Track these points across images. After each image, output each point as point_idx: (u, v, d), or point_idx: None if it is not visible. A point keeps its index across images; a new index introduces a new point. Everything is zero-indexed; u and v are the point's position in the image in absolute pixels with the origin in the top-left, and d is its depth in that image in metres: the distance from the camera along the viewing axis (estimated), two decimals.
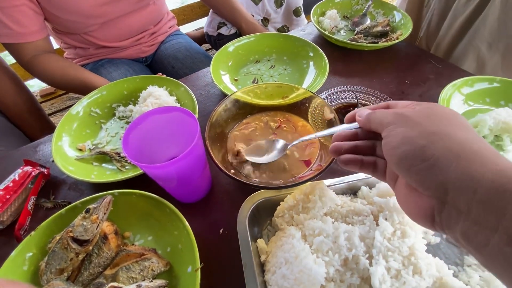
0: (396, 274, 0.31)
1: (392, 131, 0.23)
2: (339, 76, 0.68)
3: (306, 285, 0.29)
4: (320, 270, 0.29)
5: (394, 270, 0.31)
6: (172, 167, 0.34)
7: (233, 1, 0.97)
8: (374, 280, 0.30)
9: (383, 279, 0.30)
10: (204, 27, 1.25)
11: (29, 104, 0.88)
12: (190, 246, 0.37)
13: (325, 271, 0.30)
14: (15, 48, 0.72)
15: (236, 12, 0.97)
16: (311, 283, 0.29)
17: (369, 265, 0.32)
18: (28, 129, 0.88)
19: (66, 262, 0.36)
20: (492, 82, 0.56)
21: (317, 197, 0.38)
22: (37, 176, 0.49)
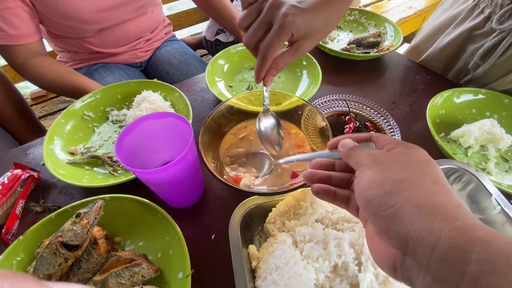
0: (384, 280, 0.32)
1: (363, 172, 0.23)
2: (332, 85, 0.70)
3: None
4: (309, 276, 0.30)
5: (382, 277, 0.32)
6: (164, 172, 0.34)
7: (231, 10, 0.98)
8: (363, 286, 0.31)
9: (371, 285, 0.31)
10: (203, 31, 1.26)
11: (19, 107, 0.87)
12: (181, 252, 0.37)
13: (315, 277, 0.30)
14: (7, 50, 0.71)
15: (234, 21, 0.98)
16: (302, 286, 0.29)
17: (358, 271, 0.32)
18: (18, 133, 0.87)
19: (54, 267, 0.36)
20: (477, 94, 0.58)
21: (308, 203, 0.38)
22: (26, 180, 0.48)
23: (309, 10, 0.34)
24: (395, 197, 0.20)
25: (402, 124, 0.59)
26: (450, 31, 0.66)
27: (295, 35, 0.35)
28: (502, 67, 0.58)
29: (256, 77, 0.38)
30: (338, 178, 0.29)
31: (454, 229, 0.17)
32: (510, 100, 0.57)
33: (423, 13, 1.82)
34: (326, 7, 0.35)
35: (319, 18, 0.35)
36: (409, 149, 0.24)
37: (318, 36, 0.37)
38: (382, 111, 0.59)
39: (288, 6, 0.33)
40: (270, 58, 0.35)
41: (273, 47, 0.34)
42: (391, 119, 0.57)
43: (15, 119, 0.85)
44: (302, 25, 0.34)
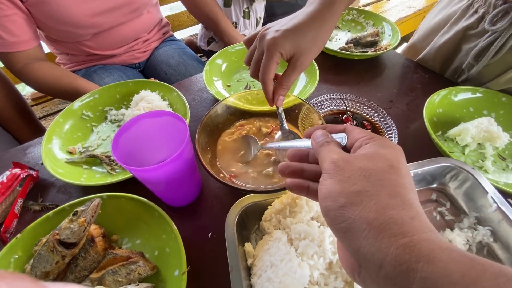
0: None
1: (324, 180, 0.22)
2: (330, 84, 0.70)
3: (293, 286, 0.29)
4: (304, 273, 0.30)
5: None
6: (160, 170, 0.34)
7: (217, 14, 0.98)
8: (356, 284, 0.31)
9: None
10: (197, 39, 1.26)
11: (19, 107, 0.88)
12: (177, 250, 0.37)
13: (309, 274, 0.30)
14: (7, 57, 0.71)
15: (220, 26, 0.98)
16: (295, 286, 0.29)
17: None
18: (18, 133, 0.88)
19: (51, 265, 0.36)
20: (475, 92, 0.58)
21: (304, 201, 0.39)
22: (25, 179, 0.48)
23: (292, 30, 0.37)
24: (349, 211, 0.20)
25: (399, 123, 0.59)
26: (445, 30, 0.66)
27: (284, 54, 0.38)
28: (495, 68, 0.58)
29: (268, 101, 0.42)
30: (312, 171, 0.28)
31: (401, 246, 0.17)
32: (507, 98, 0.57)
33: (422, 13, 1.82)
34: (310, 23, 0.38)
35: (305, 33, 0.38)
36: (378, 148, 0.23)
37: (311, 50, 0.39)
38: (380, 110, 0.59)
39: (271, 32, 0.38)
40: (268, 80, 0.39)
41: (267, 70, 0.38)
42: (388, 118, 0.57)
43: (15, 119, 0.86)
44: (288, 44, 0.37)
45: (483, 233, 0.41)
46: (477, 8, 0.60)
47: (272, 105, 0.42)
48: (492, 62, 0.58)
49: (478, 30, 0.59)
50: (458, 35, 0.64)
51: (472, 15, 0.61)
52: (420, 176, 0.46)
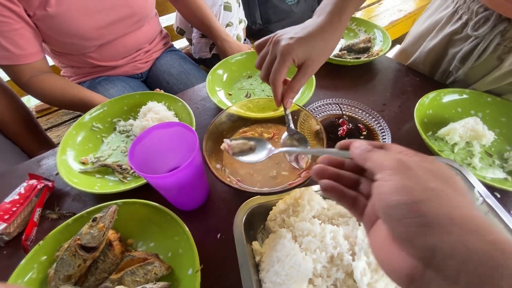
0: (376, 267, 0.35)
1: (389, 175, 0.22)
2: (326, 89, 0.73)
3: (296, 279, 0.32)
4: (308, 265, 0.33)
5: (374, 264, 0.35)
6: (173, 177, 0.38)
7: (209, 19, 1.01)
8: (356, 274, 0.34)
9: (364, 272, 0.34)
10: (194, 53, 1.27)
11: (26, 120, 0.90)
12: (190, 250, 0.40)
13: (313, 266, 0.34)
14: (14, 70, 0.74)
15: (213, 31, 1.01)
16: (300, 278, 0.32)
17: (352, 261, 0.35)
18: (25, 145, 0.90)
19: (74, 268, 0.39)
20: (462, 94, 0.62)
21: (306, 201, 0.42)
22: (42, 189, 0.51)
23: (305, 38, 0.41)
24: (428, 206, 0.19)
25: (392, 125, 0.62)
26: (433, 36, 0.70)
27: (296, 60, 0.42)
28: (480, 69, 0.62)
29: (276, 102, 0.45)
30: (347, 178, 0.28)
31: (489, 243, 0.17)
32: (492, 98, 0.61)
33: (413, 15, 1.88)
34: (321, 33, 0.42)
35: (316, 43, 0.42)
36: (431, 158, 0.23)
37: (320, 58, 0.43)
38: (373, 113, 0.62)
39: (286, 38, 0.41)
40: (278, 83, 0.42)
41: (278, 74, 0.42)
42: (381, 121, 0.60)
43: (23, 132, 0.89)
44: (300, 51, 0.41)
45: None
46: (461, 14, 0.64)
47: (279, 105, 0.45)
48: (476, 64, 0.62)
49: (463, 35, 0.64)
50: (444, 40, 0.68)
51: (456, 21, 0.65)
52: None
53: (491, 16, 0.57)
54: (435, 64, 0.72)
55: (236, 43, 1.01)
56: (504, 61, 0.58)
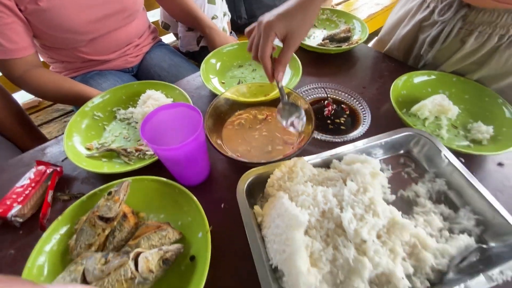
0: (361, 217, 0.41)
1: None
2: (311, 76, 0.80)
3: (295, 227, 0.38)
4: (304, 217, 0.39)
5: (359, 215, 0.41)
6: (181, 150, 0.42)
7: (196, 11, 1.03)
8: (344, 223, 0.40)
9: (351, 221, 0.40)
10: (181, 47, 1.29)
11: (19, 116, 0.91)
12: (198, 216, 0.45)
13: (308, 218, 0.39)
14: (6, 64, 0.74)
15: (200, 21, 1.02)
16: (297, 225, 0.38)
17: (340, 213, 0.42)
18: (19, 141, 0.91)
19: (94, 237, 0.43)
20: (430, 75, 0.70)
21: (299, 168, 0.48)
22: (51, 174, 0.54)
23: (284, 14, 0.47)
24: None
25: (372, 105, 0.69)
26: (406, 24, 0.77)
27: (278, 34, 0.47)
28: (446, 52, 0.70)
29: (268, 77, 0.51)
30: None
31: None
32: (457, 78, 0.69)
33: (389, 8, 1.98)
34: (299, 7, 0.48)
35: (295, 16, 0.47)
36: None
37: (301, 30, 0.49)
38: (355, 95, 0.69)
39: (266, 17, 0.48)
40: (266, 58, 0.49)
41: (264, 49, 0.48)
42: (362, 101, 0.67)
43: (16, 128, 0.89)
44: (281, 25, 0.47)
45: (440, 184, 0.51)
46: (429, 3, 0.72)
47: (272, 81, 0.51)
48: (443, 47, 0.70)
49: (431, 22, 0.71)
50: (415, 27, 0.75)
51: (425, 9, 0.73)
52: (390, 144, 0.56)
53: (454, 2, 0.64)
54: (408, 50, 0.80)
55: (223, 33, 1.05)
56: (466, 43, 0.66)
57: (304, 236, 0.39)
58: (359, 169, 0.47)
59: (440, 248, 0.42)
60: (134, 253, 0.40)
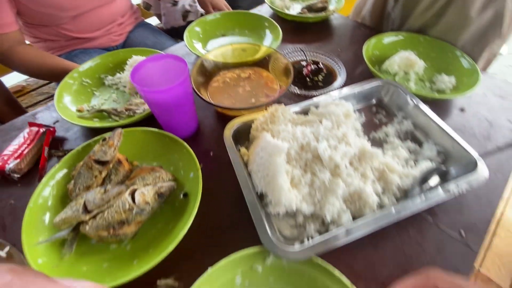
0: (335, 147, 0.46)
1: None
2: (291, 44, 0.84)
3: (276, 153, 0.42)
4: (284, 144, 0.43)
5: (333, 145, 0.46)
6: (169, 92, 0.46)
7: None
8: (320, 151, 0.45)
9: (326, 149, 0.45)
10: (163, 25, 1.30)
11: (6, 97, 0.91)
12: (189, 158, 0.49)
13: (287, 146, 0.44)
14: None
15: None
16: (278, 151, 0.42)
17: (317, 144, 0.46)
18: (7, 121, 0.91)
19: (91, 179, 0.46)
20: (398, 35, 0.75)
21: (280, 113, 0.52)
22: (45, 133, 0.56)
23: None
24: None
25: (348, 66, 0.74)
26: None
27: None
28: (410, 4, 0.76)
29: None
30: None
31: None
32: (424, 38, 0.75)
33: None
34: None
35: None
36: None
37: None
38: (332, 56, 0.74)
39: None
40: None
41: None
42: (338, 61, 0.72)
43: (4, 108, 0.90)
44: None
45: (407, 124, 0.57)
46: None
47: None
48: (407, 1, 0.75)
49: None
50: None
51: None
52: (362, 94, 0.61)
53: None
54: (378, 15, 0.85)
55: None
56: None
57: (284, 162, 0.44)
58: (334, 110, 0.52)
59: (405, 172, 0.48)
60: (130, 190, 0.44)
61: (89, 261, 0.41)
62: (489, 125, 0.61)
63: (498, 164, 0.54)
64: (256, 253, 0.38)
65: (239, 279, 0.38)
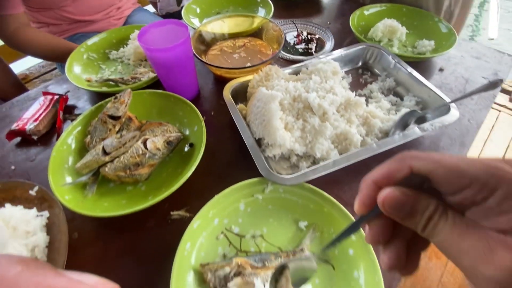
0: (323, 96, 0.52)
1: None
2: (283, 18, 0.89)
3: (270, 100, 0.48)
4: (277, 93, 0.49)
5: (321, 95, 0.52)
6: (173, 51, 0.51)
7: None
8: (310, 100, 0.50)
9: (315, 98, 0.50)
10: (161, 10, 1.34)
11: (13, 80, 0.96)
12: (193, 114, 0.54)
13: (281, 95, 0.49)
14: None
15: None
16: (272, 98, 0.48)
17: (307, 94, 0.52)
18: None
19: (106, 133, 0.51)
20: (382, 6, 0.81)
21: (274, 72, 0.57)
22: (59, 99, 0.61)
23: None
24: None
25: (337, 37, 0.79)
26: None
27: None
28: None
29: None
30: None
31: None
32: (406, 8, 0.81)
33: None
34: None
35: None
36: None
37: None
38: (321, 27, 0.79)
39: None
40: None
41: None
42: (328, 32, 0.77)
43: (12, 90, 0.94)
44: None
45: (389, 81, 0.63)
46: None
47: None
48: None
49: None
50: None
51: None
52: (349, 57, 0.67)
53: None
54: None
55: None
56: None
57: (278, 108, 0.49)
58: (322, 67, 0.57)
59: (386, 117, 0.53)
60: (142, 139, 0.49)
61: (109, 199, 0.46)
62: (465, 81, 0.67)
63: (471, 113, 0.60)
64: (257, 183, 0.44)
65: (242, 206, 0.44)
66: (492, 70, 0.69)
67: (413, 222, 0.18)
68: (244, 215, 0.44)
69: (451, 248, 0.17)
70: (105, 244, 0.43)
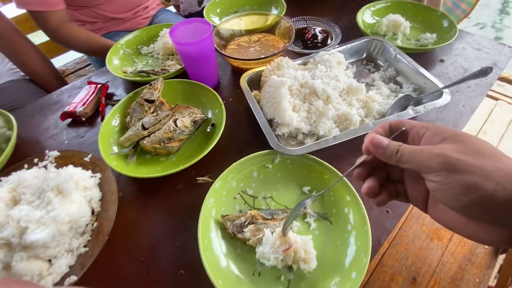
0: (327, 83, 0.59)
1: (448, 178, 0.23)
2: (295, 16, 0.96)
3: (280, 85, 0.56)
4: (287, 79, 0.57)
5: (326, 82, 0.59)
6: (197, 45, 0.60)
7: None
8: (315, 85, 0.58)
9: (320, 84, 0.58)
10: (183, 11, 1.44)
11: (53, 72, 1.09)
12: (214, 99, 0.63)
13: (290, 81, 0.57)
14: (42, 16, 0.88)
15: None
16: (282, 83, 0.56)
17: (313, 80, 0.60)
18: None
19: (143, 113, 0.61)
20: (387, 2, 0.86)
21: (284, 63, 0.65)
22: (101, 87, 0.72)
23: None
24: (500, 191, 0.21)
25: (345, 32, 0.86)
26: None
27: None
28: None
29: None
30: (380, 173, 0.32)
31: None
32: (411, 4, 0.86)
33: None
34: None
35: None
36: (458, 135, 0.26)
37: None
38: (330, 23, 0.86)
39: None
40: None
41: None
42: (336, 27, 0.84)
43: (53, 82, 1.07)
44: None
45: (390, 71, 0.69)
46: None
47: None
48: None
49: None
50: None
51: None
52: (354, 49, 0.74)
53: None
54: None
55: None
56: None
57: (287, 92, 0.57)
58: (327, 58, 0.65)
59: (384, 101, 0.60)
60: (173, 119, 0.59)
61: (146, 167, 0.56)
62: (464, 70, 0.72)
63: (467, 99, 0.65)
64: (267, 154, 0.53)
65: (255, 173, 0.52)
66: (491, 60, 0.74)
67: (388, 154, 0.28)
68: (257, 181, 0.52)
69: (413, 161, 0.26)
70: (144, 201, 0.53)
